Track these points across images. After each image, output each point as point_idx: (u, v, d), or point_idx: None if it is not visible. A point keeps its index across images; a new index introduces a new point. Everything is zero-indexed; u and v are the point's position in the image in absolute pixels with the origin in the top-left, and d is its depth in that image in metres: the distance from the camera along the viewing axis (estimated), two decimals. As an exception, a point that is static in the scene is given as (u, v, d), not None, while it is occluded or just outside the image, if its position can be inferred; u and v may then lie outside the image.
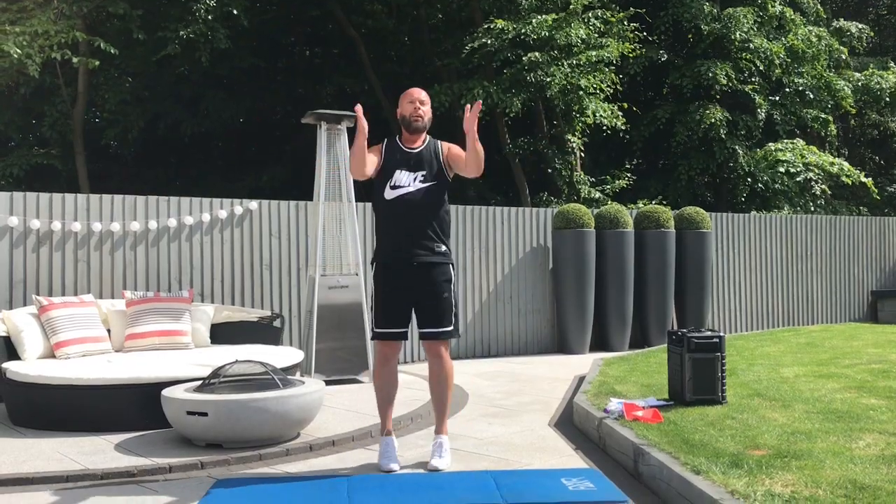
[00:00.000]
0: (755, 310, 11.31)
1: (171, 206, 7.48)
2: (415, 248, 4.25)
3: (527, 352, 9.58)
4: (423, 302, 4.31)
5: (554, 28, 12.15)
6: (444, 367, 4.35)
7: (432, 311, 4.30)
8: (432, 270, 4.28)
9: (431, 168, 4.33)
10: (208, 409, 4.52)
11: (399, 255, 4.27)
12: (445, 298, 4.31)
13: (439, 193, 4.33)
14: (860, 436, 4.17)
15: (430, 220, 4.28)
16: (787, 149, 14.77)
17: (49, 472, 4.12)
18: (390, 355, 4.38)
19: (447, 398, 4.41)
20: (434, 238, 4.28)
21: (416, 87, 4.47)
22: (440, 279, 4.30)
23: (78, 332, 5.94)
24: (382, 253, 4.35)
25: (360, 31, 15.23)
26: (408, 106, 4.36)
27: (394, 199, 4.27)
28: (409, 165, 4.30)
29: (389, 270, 4.31)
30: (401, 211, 4.26)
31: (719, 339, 5.10)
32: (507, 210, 9.61)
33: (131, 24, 12.12)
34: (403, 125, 4.38)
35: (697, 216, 10.19)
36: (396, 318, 4.30)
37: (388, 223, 4.32)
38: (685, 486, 3.47)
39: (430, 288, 4.28)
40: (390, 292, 4.31)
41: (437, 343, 4.33)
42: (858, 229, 12.34)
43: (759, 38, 14.77)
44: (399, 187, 4.27)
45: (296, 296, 8.10)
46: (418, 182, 4.28)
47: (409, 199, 4.25)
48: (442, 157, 4.38)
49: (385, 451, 4.33)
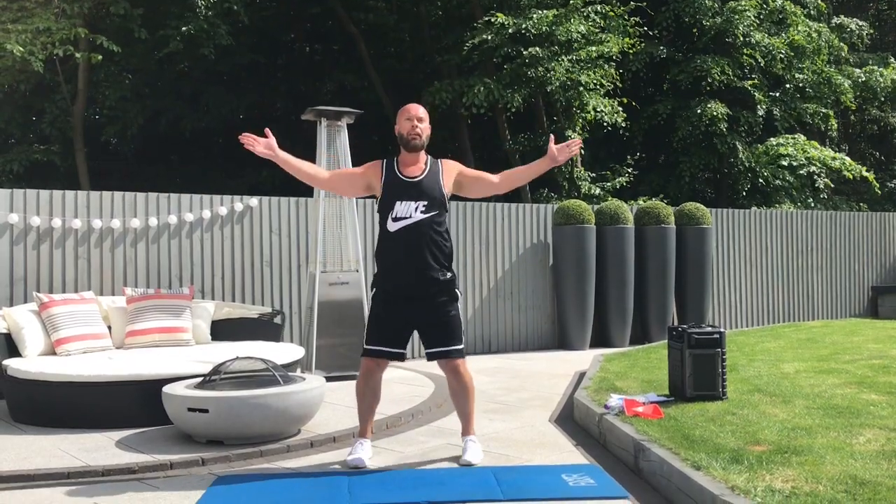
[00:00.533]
0: (755, 305, 11.31)
1: (172, 202, 7.48)
2: (419, 279, 4.21)
3: (527, 348, 9.59)
4: (429, 324, 4.27)
5: (554, 23, 12.13)
6: (463, 381, 4.32)
7: (440, 332, 4.27)
8: (436, 300, 4.25)
9: (433, 196, 4.26)
10: (209, 405, 4.52)
11: (402, 286, 4.24)
12: (453, 316, 4.28)
13: (441, 222, 4.28)
14: (860, 431, 4.17)
15: (433, 249, 4.23)
16: (789, 143, 14.76)
17: (50, 468, 4.12)
18: (375, 371, 4.33)
19: (470, 408, 4.39)
20: (437, 267, 4.24)
21: (414, 104, 4.43)
22: (445, 302, 4.26)
23: (79, 328, 5.94)
24: (384, 281, 4.31)
25: (360, 28, 15.22)
26: (405, 123, 4.31)
27: (397, 230, 4.22)
28: (409, 195, 4.23)
29: (390, 298, 4.27)
30: (404, 243, 4.21)
31: (720, 335, 5.10)
32: (507, 206, 9.61)
33: (132, 23, 12.11)
34: (401, 143, 4.33)
35: (698, 212, 10.19)
36: (391, 339, 4.27)
37: (392, 255, 4.27)
38: (685, 481, 3.47)
39: (435, 313, 4.25)
40: (389, 314, 4.28)
41: (450, 361, 4.29)
42: (859, 225, 12.34)
43: (760, 34, 14.75)
44: (401, 219, 4.22)
45: (296, 292, 8.10)
46: (420, 213, 4.22)
47: (412, 230, 4.20)
48: (443, 185, 4.31)
49: (356, 448, 4.31)
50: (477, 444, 4.37)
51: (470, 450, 4.30)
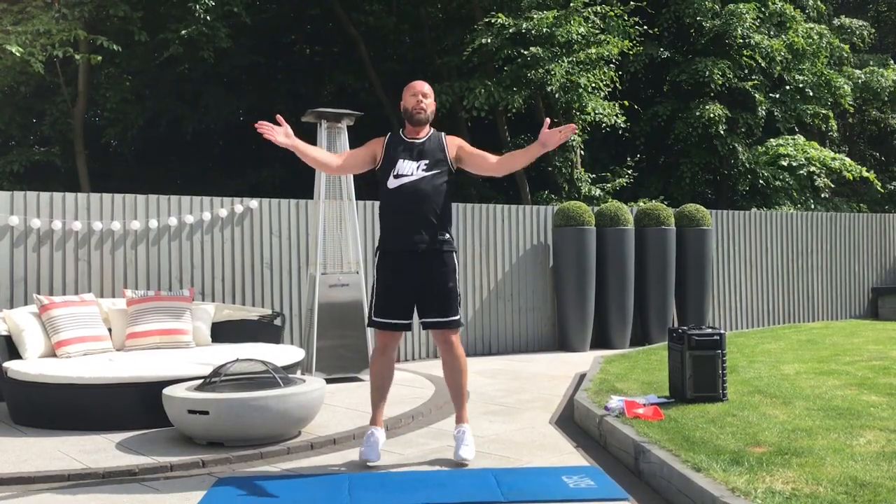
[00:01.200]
0: (756, 307, 11.31)
1: (172, 204, 7.48)
2: (419, 235, 4.27)
3: (527, 349, 9.58)
4: (428, 291, 4.32)
5: (554, 25, 12.14)
6: (456, 355, 4.37)
7: (437, 301, 4.32)
8: (436, 259, 4.31)
9: (435, 157, 4.35)
10: (209, 407, 4.52)
11: (403, 242, 4.29)
12: (451, 287, 4.34)
13: (443, 182, 4.34)
14: (861, 433, 4.17)
15: (433, 207, 4.29)
16: (789, 144, 14.77)
17: (50, 471, 4.12)
18: (389, 345, 4.40)
19: (463, 387, 4.43)
20: (437, 225, 4.30)
21: (419, 81, 4.51)
22: (445, 268, 4.32)
23: (79, 331, 5.94)
24: (386, 241, 4.37)
25: (360, 30, 15.23)
26: (410, 98, 4.40)
27: (397, 187, 4.30)
28: (411, 155, 4.33)
29: (393, 259, 4.33)
30: (404, 199, 4.28)
31: (720, 337, 5.10)
32: (507, 208, 9.61)
33: (132, 25, 12.12)
34: (406, 117, 4.42)
35: (698, 213, 10.19)
36: (397, 310, 4.33)
37: (392, 211, 4.34)
38: (686, 483, 3.47)
39: (435, 277, 4.31)
40: (393, 282, 4.33)
41: (445, 332, 4.35)
42: (859, 226, 12.34)
43: (759, 35, 14.76)
44: (402, 176, 4.30)
45: (296, 294, 8.10)
46: (421, 170, 4.30)
47: (413, 187, 4.28)
48: (447, 149, 4.41)
49: (368, 441, 4.34)
50: (470, 436, 4.38)
51: (464, 444, 4.31)
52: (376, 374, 4.44)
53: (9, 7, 11.67)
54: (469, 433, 4.41)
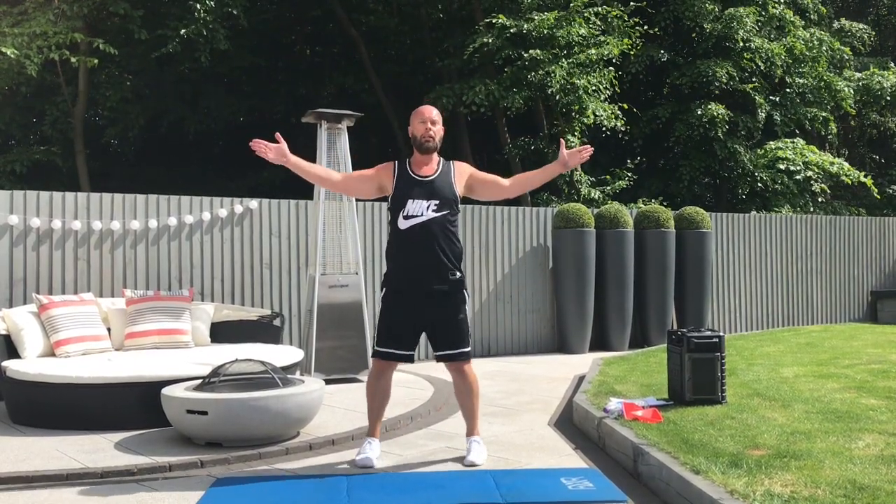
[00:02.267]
0: (755, 310, 11.31)
1: (172, 204, 7.48)
2: (429, 276, 4.24)
3: (527, 351, 9.58)
4: (438, 326, 4.30)
5: (555, 26, 12.15)
6: (468, 382, 4.38)
7: (449, 335, 4.30)
8: (447, 298, 4.28)
9: (445, 196, 4.29)
10: (208, 407, 4.52)
11: (413, 283, 4.26)
12: (461, 320, 4.32)
13: (452, 221, 4.31)
14: (860, 436, 4.17)
15: (443, 248, 4.26)
16: (788, 147, 14.77)
17: (49, 470, 4.12)
18: (386, 372, 4.38)
19: (475, 407, 4.44)
20: (448, 266, 4.27)
21: (428, 106, 4.45)
22: (455, 303, 4.30)
23: (78, 330, 5.94)
24: (395, 280, 4.33)
25: (360, 31, 15.23)
26: (419, 126, 4.34)
27: (407, 228, 4.24)
28: (421, 194, 4.26)
29: (401, 297, 4.30)
30: (415, 241, 4.24)
31: (719, 339, 5.10)
32: (507, 209, 9.61)
33: (132, 24, 12.12)
34: (415, 145, 4.36)
35: (697, 216, 10.19)
36: (402, 341, 4.30)
37: (402, 252, 4.29)
38: (684, 485, 3.47)
39: (445, 314, 4.29)
40: (399, 316, 4.30)
41: (457, 363, 4.34)
42: (858, 229, 12.35)
43: (759, 39, 14.77)
44: (412, 217, 4.24)
45: (296, 295, 8.10)
46: (431, 211, 4.24)
47: (423, 228, 4.23)
48: (455, 184, 4.35)
49: (364, 448, 4.35)
50: (481, 446, 4.41)
51: (474, 451, 4.34)
52: (371, 398, 4.42)
53: (9, 9, 11.67)
54: (481, 444, 4.42)
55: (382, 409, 4.45)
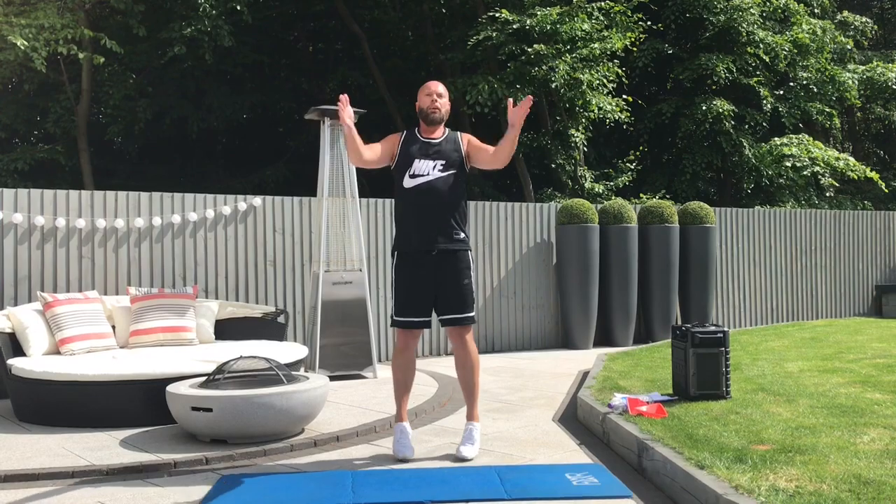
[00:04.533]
0: (759, 304, 11.29)
1: (175, 202, 7.49)
2: (435, 234, 4.33)
3: (531, 347, 9.59)
4: (444, 289, 4.38)
5: (558, 21, 12.13)
6: (469, 352, 4.44)
7: (454, 298, 4.38)
8: (452, 257, 4.37)
9: (451, 157, 4.40)
10: (213, 404, 4.53)
11: (419, 242, 4.34)
12: (466, 285, 4.40)
13: (458, 182, 4.40)
14: (865, 430, 4.16)
15: (449, 207, 4.35)
16: (793, 143, 14.74)
17: (54, 467, 4.13)
18: (410, 343, 4.45)
19: (475, 384, 4.48)
20: (453, 225, 4.36)
21: (434, 81, 4.56)
22: (460, 266, 4.39)
23: (83, 328, 5.96)
24: (402, 241, 4.42)
25: (363, 26, 15.22)
26: (425, 98, 4.46)
27: (413, 187, 4.34)
28: (428, 154, 4.37)
29: (410, 258, 4.38)
30: (420, 198, 4.33)
31: (723, 334, 5.10)
32: (510, 205, 9.61)
33: (133, 19, 12.11)
34: (421, 117, 4.47)
35: (701, 211, 10.18)
36: (418, 308, 4.38)
37: (408, 211, 4.38)
38: (689, 480, 3.47)
39: (451, 275, 4.37)
40: (411, 281, 4.38)
41: (460, 329, 4.41)
42: (863, 224, 12.32)
43: (763, 31, 14.73)
44: (418, 176, 4.34)
45: (300, 292, 8.11)
46: (437, 171, 4.35)
47: (429, 187, 4.33)
48: (462, 149, 4.46)
49: (399, 438, 4.41)
50: (477, 437, 4.43)
51: (466, 444, 4.36)
52: (399, 370, 4.49)
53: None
54: (477, 432, 4.46)
55: (410, 384, 4.51)
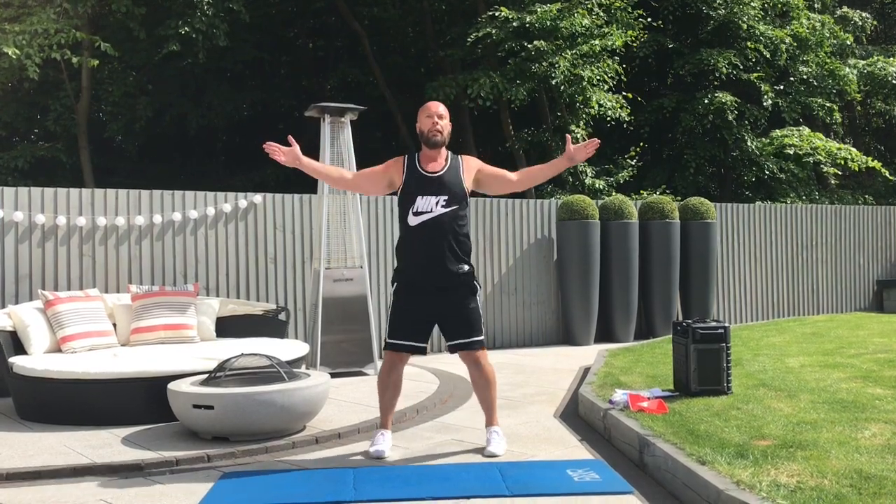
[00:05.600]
0: (760, 300, 11.29)
1: (176, 199, 7.48)
2: (439, 271, 4.27)
3: (531, 343, 9.59)
4: (450, 316, 4.33)
5: (558, 18, 12.11)
6: (484, 373, 4.41)
7: (460, 323, 4.33)
8: (456, 292, 4.31)
9: (453, 191, 4.31)
10: (214, 402, 4.53)
11: (423, 278, 4.29)
12: (472, 309, 4.34)
13: (462, 216, 4.33)
14: (866, 425, 4.16)
15: (452, 243, 4.28)
16: (794, 135, 14.72)
17: (56, 465, 4.14)
18: (397, 365, 4.42)
19: (493, 398, 4.47)
20: (457, 260, 4.30)
21: (434, 101, 4.50)
22: (464, 292, 4.32)
23: (84, 326, 5.96)
24: (405, 275, 4.37)
25: (363, 23, 15.20)
26: (426, 121, 4.37)
27: (417, 225, 4.27)
28: (430, 190, 4.28)
29: (412, 291, 4.33)
30: (424, 236, 4.27)
31: (724, 330, 5.09)
32: (511, 202, 9.60)
33: (132, 21, 12.10)
34: (422, 140, 4.39)
35: (702, 207, 10.17)
36: (413, 333, 4.34)
37: (412, 248, 4.33)
38: (690, 476, 3.47)
39: (455, 304, 4.31)
40: (410, 307, 4.33)
41: (471, 353, 4.36)
42: (863, 218, 12.31)
43: (763, 25, 14.71)
44: (421, 213, 4.27)
45: (301, 289, 8.11)
46: (440, 207, 4.27)
47: (433, 224, 4.25)
48: (463, 179, 4.37)
49: (377, 439, 4.40)
50: (501, 437, 4.44)
51: (494, 441, 4.37)
52: (383, 390, 4.47)
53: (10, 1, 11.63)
54: (501, 435, 4.45)
55: (394, 402, 4.50)
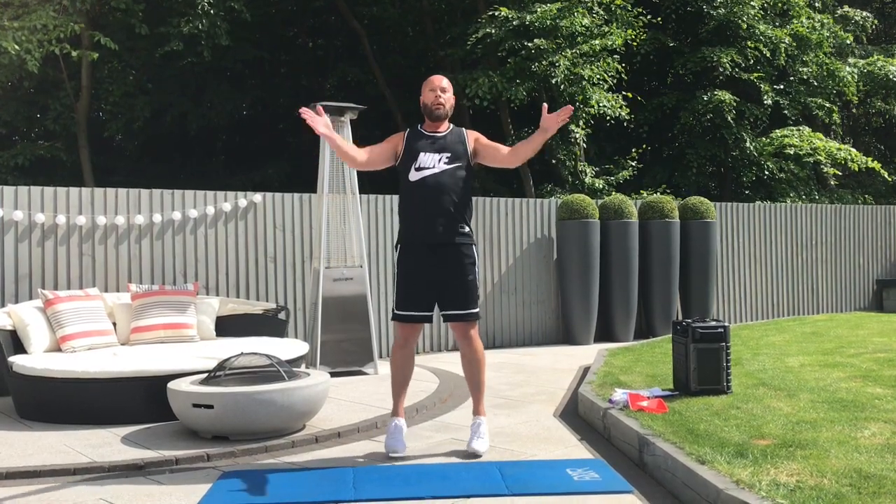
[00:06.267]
0: (760, 299, 11.29)
1: (176, 199, 7.48)
2: (439, 227, 4.29)
3: (531, 343, 9.59)
4: (448, 284, 4.34)
5: (558, 17, 12.11)
6: (475, 349, 4.43)
7: (457, 294, 4.34)
8: (457, 251, 4.33)
9: (456, 151, 4.37)
10: (214, 401, 4.54)
11: (424, 235, 4.31)
12: (470, 280, 4.36)
13: (464, 175, 4.36)
14: (865, 425, 4.16)
15: (454, 200, 4.31)
16: (794, 135, 14.72)
17: (56, 464, 4.14)
18: (410, 338, 4.43)
19: (481, 380, 4.48)
20: (458, 219, 4.32)
21: (437, 75, 4.52)
22: (464, 261, 4.35)
23: (83, 325, 5.96)
24: (407, 233, 4.39)
25: (363, 23, 15.20)
26: (429, 94, 4.42)
27: (419, 179, 4.31)
28: (433, 148, 4.34)
29: (414, 251, 4.35)
30: (426, 191, 4.30)
31: (724, 329, 5.09)
32: (511, 201, 9.60)
33: (133, 18, 12.10)
34: (425, 113, 4.44)
35: (702, 206, 10.17)
36: (419, 302, 4.35)
37: (413, 204, 4.35)
38: (690, 475, 3.47)
39: (455, 269, 4.33)
40: (414, 274, 4.35)
41: (464, 325, 4.39)
42: (863, 218, 12.31)
43: (763, 25, 14.71)
44: (424, 168, 4.31)
45: (300, 288, 8.11)
46: (443, 163, 4.32)
47: (435, 180, 4.29)
48: (468, 144, 4.43)
49: (392, 432, 4.39)
50: (485, 428, 4.42)
51: (477, 437, 4.35)
52: (398, 367, 4.47)
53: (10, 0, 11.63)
54: (485, 426, 4.44)
55: (408, 380, 4.50)
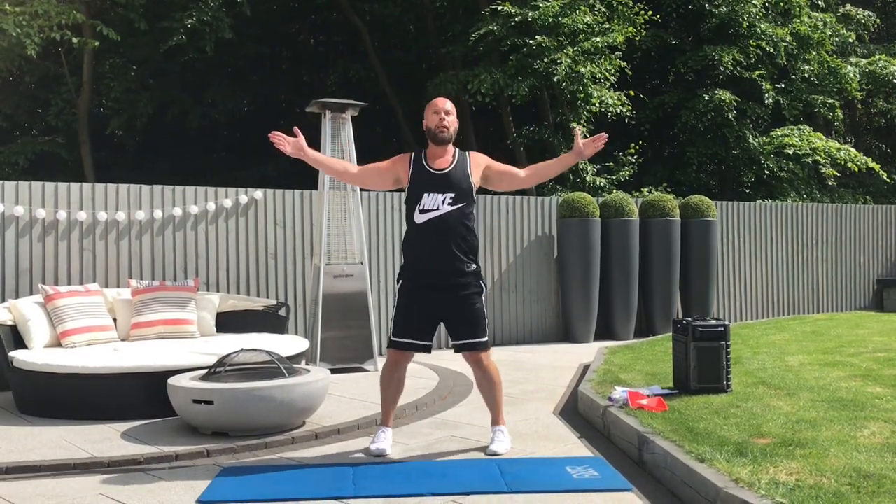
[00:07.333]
0: (760, 298, 11.29)
1: (177, 195, 7.48)
2: (445, 269, 4.24)
3: (531, 340, 9.59)
4: (455, 316, 4.31)
5: (560, 14, 12.10)
6: (489, 373, 4.41)
7: (465, 324, 4.30)
8: (462, 290, 4.28)
9: (461, 188, 4.28)
10: (214, 397, 4.54)
11: (430, 276, 4.27)
12: (478, 309, 4.31)
13: (468, 214, 4.30)
14: (865, 424, 4.16)
15: (459, 241, 4.26)
16: (794, 134, 14.70)
17: (56, 459, 4.14)
18: (401, 363, 4.39)
19: (498, 398, 4.45)
20: (465, 258, 4.27)
21: (441, 98, 4.47)
22: (470, 293, 4.29)
23: (84, 320, 5.96)
24: (411, 272, 4.34)
25: (364, 20, 15.19)
26: (433, 117, 4.34)
27: (424, 223, 4.25)
28: (437, 188, 4.26)
29: (418, 289, 4.30)
30: (431, 234, 4.24)
31: (724, 328, 5.10)
32: (511, 199, 9.60)
33: (133, 12, 12.09)
34: (429, 137, 4.36)
35: (703, 205, 10.17)
36: (418, 331, 4.31)
37: (418, 245, 4.30)
38: (689, 474, 3.47)
39: (460, 304, 4.28)
40: (416, 306, 4.30)
41: (474, 353, 4.35)
42: (864, 218, 12.31)
43: (765, 24, 14.69)
44: (428, 211, 4.24)
45: (301, 285, 8.11)
46: (447, 204, 4.24)
47: (440, 221, 4.23)
48: (471, 175, 4.34)
49: (378, 437, 4.39)
50: (505, 435, 4.42)
51: (497, 440, 4.36)
52: (385, 387, 4.44)
53: None
54: (505, 434, 4.43)
55: (396, 399, 4.48)
